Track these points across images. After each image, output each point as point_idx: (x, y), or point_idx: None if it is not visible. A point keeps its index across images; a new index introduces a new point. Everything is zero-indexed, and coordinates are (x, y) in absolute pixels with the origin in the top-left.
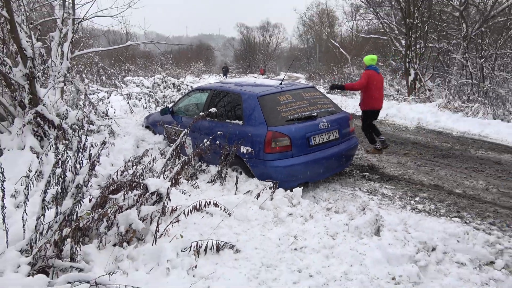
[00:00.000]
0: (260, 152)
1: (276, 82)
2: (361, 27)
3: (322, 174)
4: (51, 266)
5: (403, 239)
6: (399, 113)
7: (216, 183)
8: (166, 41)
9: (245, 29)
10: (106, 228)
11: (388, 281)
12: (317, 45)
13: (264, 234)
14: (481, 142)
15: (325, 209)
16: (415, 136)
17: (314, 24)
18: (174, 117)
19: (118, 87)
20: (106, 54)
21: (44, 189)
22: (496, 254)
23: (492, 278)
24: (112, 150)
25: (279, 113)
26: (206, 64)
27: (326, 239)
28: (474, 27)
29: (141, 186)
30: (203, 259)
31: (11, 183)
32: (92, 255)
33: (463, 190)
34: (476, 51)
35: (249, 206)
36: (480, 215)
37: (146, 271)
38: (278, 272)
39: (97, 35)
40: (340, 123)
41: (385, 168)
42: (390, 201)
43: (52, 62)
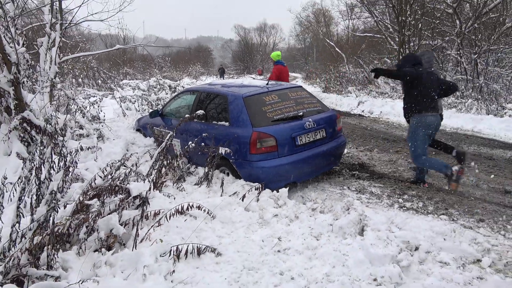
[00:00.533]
0: (246, 153)
1: (264, 83)
2: (357, 26)
3: (309, 173)
4: (25, 275)
5: (386, 239)
6: (393, 111)
7: (202, 185)
8: (156, 43)
9: (242, 31)
10: (85, 234)
11: (369, 282)
12: (314, 44)
13: (248, 236)
14: (474, 138)
15: (311, 209)
16: None
17: (310, 24)
18: (164, 120)
19: (114, 91)
20: (104, 57)
21: (18, 196)
22: (483, 252)
23: (476, 277)
24: (100, 154)
25: (264, 114)
26: (204, 66)
27: (310, 240)
28: (467, 24)
29: (123, 190)
30: (183, 264)
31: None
32: (70, 262)
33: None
34: (470, 47)
35: (234, 208)
36: (468, 212)
37: (124, 278)
38: (259, 275)
39: (93, 39)
40: (327, 122)
41: (376, 166)
42: (378, 200)
43: (39, 67)
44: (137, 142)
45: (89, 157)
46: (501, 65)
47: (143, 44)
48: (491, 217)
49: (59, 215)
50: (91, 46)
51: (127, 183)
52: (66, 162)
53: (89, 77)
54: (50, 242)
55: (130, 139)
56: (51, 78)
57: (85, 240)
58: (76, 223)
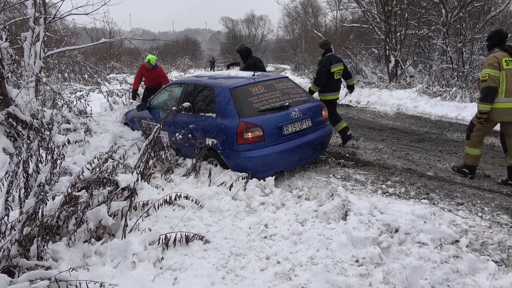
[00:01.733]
0: (233, 144)
1: (250, 74)
2: (345, 17)
3: (296, 162)
4: (16, 265)
5: (368, 222)
6: (380, 100)
7: (190, 176)
8: (143, 36)
9: (230, 23)
10: (74, 225)
11: (352, 263)
12: (303, 35)
13: (235, 224)
14: (458, 125)
15: (297, 196)
16: (393, 122)
17: (298, 15)
18: (151, 113)
19: (100, 85)
20: (91, 52)
21: (6, 189)
22: (461, 233)
23: (452, 256)
24: (88, 148)
25: (251, 104)
26: (192, 59)
27: (296, 225)
28: (453, 13)
29: (111, 182)
30: (172, 251)
31: None
32: (61, 253)
33: (435, 173)
34: (456, 36)
35: (221, 197)
36: (448, 196)
37: (113, 266)
38: (246, 260)
39: (78, 33)
40: (313, 111)
41: (361, 154)
42: (362, 186)
43: (23, 62)
44: (124, 135)
45: (76, 151)
46: (486, 54)
47: (129, 38)
48: (470, 200)
49: (48, 208)
50: (76, 40)
51: (115, 175)
52: (54, 155)
53: (75, 71)
54: (39, 233)
55: (118, 133)
56: (36, 73)
57: (75, 232)
58: (65, 215)
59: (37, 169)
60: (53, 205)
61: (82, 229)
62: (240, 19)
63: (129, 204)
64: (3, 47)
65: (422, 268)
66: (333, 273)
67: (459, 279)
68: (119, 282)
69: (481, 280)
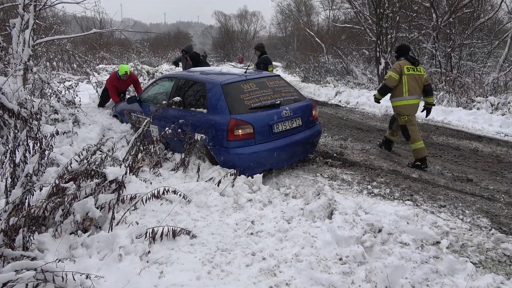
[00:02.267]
0: (224, 140)
1: (242, 71)
2: (338, 17)
3: (285, 160)
4: (1, 255)
5: (352, 222)
6: (369, 101)
7: (179, 171)
8: (135, 27)
9: (223, 17)
10: (61, 216)
11: (335, 261)
12: (295, 33)
13: (223, 220)
14: (443, 129)
15: (284, 194)
16: (381, 123)
17: (291, 12)
18: (142, 106)
19: (90, 75)
20: (80, 41)
21: None
22: (442, 235)
23: (433, 257)
24: (76, 139)
25: (242, 101)
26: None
27: (282, 223)
28: (443, 18)
29: (99, 174)
30: (159, 245)
31: None
32: (47, 244)
33: (419, 175)
34: (445, 41)
35: (209, 192)
36: (431, 198)
37: (100, 258)
38: (232, 256)
39: (68, 22)
40: (303, 110)
41: (349, 154)
42: (348, 186)
43: (11, 49)
44: (113, 127)
45: (64, 141)
46: (474, 59)
47: (120, 29)
48: (452, 202)
49: (34, 198)
50: (66, 29)
51: (104, 168)
52: (42, 146)
53: (64, 60)
54: (25, 224)
55: (107, 125)
56: (25, 61)
57: (61, 223)
58: (52, 206)
59: (25, 159)
60: (40, 196)
61: (68, 221)
62: (233, 14)
63: (116, 197)
64: None
65: (403, 267)
66: (317, 271)
67: (438, 279)
68: (105, 274)
69: (459, 281)
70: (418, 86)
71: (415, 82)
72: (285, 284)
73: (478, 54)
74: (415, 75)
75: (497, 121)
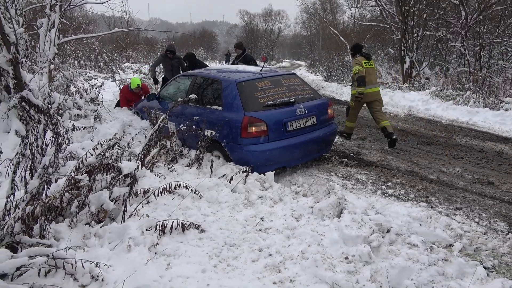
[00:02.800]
0: (238, 137)
1: (258, 69)
2: (364, 15)
3: (299, 159)
4: (19, 242)
5: (360, 221)
6: (391, 101)
7: (193, 167)
8: (161, 27)
9: (247, 16)
10: (77, 208)
11: (341, 260)
12: (320, 32)
13: (232, 216)
14: (468, 130)
15: (294, 192)
16: (403, 123)
17: (316, 11)
18: (161, 103)
19: (115, 73)
20: (108, 40)
21: (13, 169)
22: (455, 238)
23: (441, 259)
24: (97, 134)
25: (256, 99)
26: (208, 51)
27: (291, 220)
28: (473, 15)
29: (115, 168)
30: (168, 238)
31: None
32: (63, 233)
33: (437, 176)
34: (474, 39)
35: (221, 189)
36: (448, 200)
37: (110, 248)
38: (239, 251)
39: (96, 21)
40: (318, 109)
41: (366, 154)
42: (362, 186)
43: (38, 48)
44: (133, 124)
45: (85, 136)
46: (505, 59)
47: (141, 28)
48: (469, 205)
49: (52, 189)
50: (94, 28)
51: (119, 162)
52: (59, 139)
53: (91, 59)
54: (43, 213)
55: (127, 121)
56: (50, 59)
57: (77, 214)
58: (69, 197)
59: (42, 152)
60: (57, 187)
61: (84, 212)
62: (257, 13)
63: (129, 190)
64: (19, 32)
65: (409, 268)
66: (322, 268)
67: (444, 282)
68: (114, 264)
69: (467, 284)
70: (374, 77)
71: (371, 74)
72: (289, 281)
73: (510, 53)
74: (369, 69)
75: None
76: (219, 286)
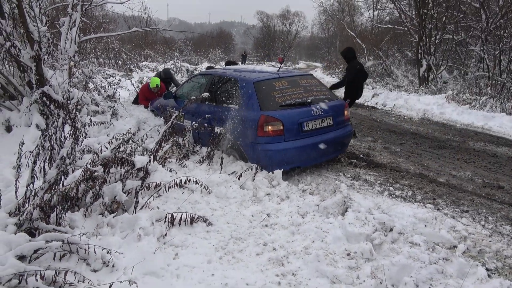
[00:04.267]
0: (254, 136)
1: (275, 69)
2: (382, 17)
3: (313, 159)
4: (37, 228)
5: (364, 219)
6: (406, 104)
7: (204, 164)
8: (179, 27)
9: (265, 17)
10: (91, 198)
11: (343, 256)
12: (338, 34)
13: (240, 211)
14: (483, 135)
15: (301, 190)
16: (416, 127)
17: (335, 13)
18: (177, 102)
19: (133, 72)
20: (127, 39)
21: (33, 160)
22: (460, 239)
23: (442, 258)
24: (113, 129)
25: (273, 98)
26: (224, 51)
27: (296, 217)
28: (494, 19)
29: (128, 162)
30: (176, 229)
31: (15, 157)
32: (77, 222)
33: (447, 180)
34: (494, 43)
35: (230, 185)
36: (455, 203)
37: (122, 237)
38: (244, 245)
39: (116, 20)
40: (335, 110)
41: (376, 156)
42: (370, 187)
43: (60, 46)
44: (148, 121)
45: (102, 132)
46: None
47: (158, 28)
48: (476, 208)
49: (68, 180)
50: (114, 27)
51: (133, 156)
52: (76, 132)
53: (110, 57)
54: (59, 202)
55: (143, 118)
56: (70, 57)
57: (91, 204)
58: (84, 188)
59: (60, 144)
60: (73, 178)
61: (98, 203)
62: (275, 14)
63: (141, 182)
64: (42, 31)
65: (410, 266)
66: (323, 263)
67: (442, 280)
68: (124, 251)
69: (466, 284)
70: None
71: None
72: (291, 274)
73: None
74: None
75: None
76: (223, 276)
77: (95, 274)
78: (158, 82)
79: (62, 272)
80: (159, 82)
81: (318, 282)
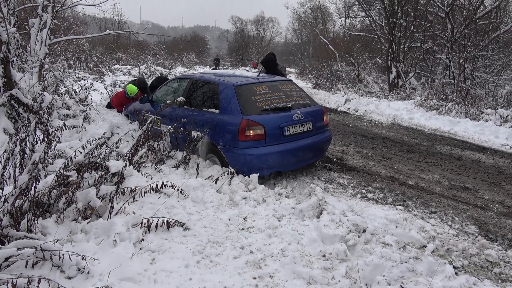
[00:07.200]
0: (235, 140)
1: (255, 74)
2: (354, 25)
3: (294, 164)
4: (6, 235)
5: (338, 221)
6: (377, 110)
7: (180, 168)
8: (152, 30)
9: (239, 22)
10: (64, 204)
11: (319, 257)
12: (311, 40)
13: (216, 215)
14: (449, 139)
15: (277, 194)
16: (387, 131)
17: (308, 19)
18: (153, 106)
19: (104, 75)
20: (98, 41)
21: (2, 165)
22: (429, 239)
23: (412, 257)
24: (85, 134)
25: (254, 103)
26: (198, 56)
27: (273, 220)
28: (458, 29)
29: (102, 167)
30: (153, 234)
31: None
32: (49, 229)
33: (416, 182)
34: (460, 52)
35: (206, 189)
36: (423, 204)
37: (96, 243)
38: (222, 248)
39: (87, 22)
40: (314, 115)
41: (349, 160)
42: (343, 190)
43: (29, 47)
44: (122, 126)
45: (74, 136)
46: (488, 72)
47: (133, 31)
48: (443, 209)
49: (40, 186)
50: (85, 29)
51: (107, 161)
52: (49, 136)
53: (81, 60)
54: (31, 208)
55: (116, 123)
56: (41, 59)
57: (64, 210)
58: (56, 193)
59: (33, 148)
60: (46, 184)
61: (71, 208)
62: (249, 19)
63: (116, 188)
64: (11, 32)
65: (382, 266)
66: (300, 265)
67: (413, 278)
68: (100, 258)
69: (434, 281)
70: None
71: None
72: (268, 276)
73: (493, 66)
74: None
75: (504, 133)
76: (201, 280)
77: (70, 281)
78: (136, 91)
79: (35, 280)
80: (137, 91)
81: (295, 283)
